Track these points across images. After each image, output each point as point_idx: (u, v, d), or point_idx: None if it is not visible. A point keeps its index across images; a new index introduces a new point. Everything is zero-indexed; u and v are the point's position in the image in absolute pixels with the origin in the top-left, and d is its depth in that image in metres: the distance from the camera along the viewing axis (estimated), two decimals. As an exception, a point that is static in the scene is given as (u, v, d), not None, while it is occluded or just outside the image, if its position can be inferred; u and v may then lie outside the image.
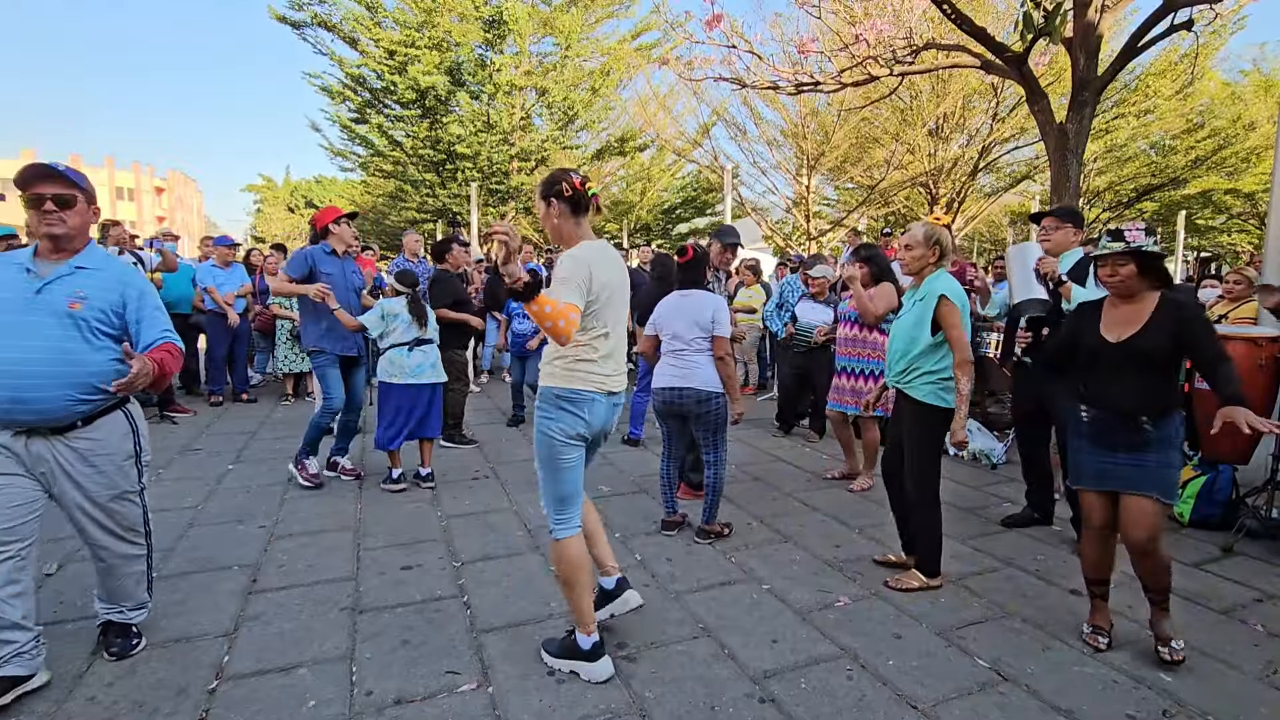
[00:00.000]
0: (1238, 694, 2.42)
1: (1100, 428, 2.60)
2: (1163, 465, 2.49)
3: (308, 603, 2.98)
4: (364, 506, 4.22)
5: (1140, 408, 2.49)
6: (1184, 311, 2.49)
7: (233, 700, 2.30)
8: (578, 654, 2.48)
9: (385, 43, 14.04)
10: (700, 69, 7.63)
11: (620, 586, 2.75)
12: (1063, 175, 5.90)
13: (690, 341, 3.67)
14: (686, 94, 15.89)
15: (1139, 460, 2.51)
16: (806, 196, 16.44)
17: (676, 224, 21.72)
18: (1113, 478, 2.58)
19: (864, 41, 6.75)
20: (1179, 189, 17.78)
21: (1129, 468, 2.53)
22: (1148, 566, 2.57)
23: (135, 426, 2.48)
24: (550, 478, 2.47)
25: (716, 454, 3.73)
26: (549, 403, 2.43)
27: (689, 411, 3.67)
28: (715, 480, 3.73)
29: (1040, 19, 5.25)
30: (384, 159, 16.65)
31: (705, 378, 3.63)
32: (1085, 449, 2.65)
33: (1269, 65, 18.01)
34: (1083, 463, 2.67)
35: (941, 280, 3.09)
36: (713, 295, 3.76)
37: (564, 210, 2.41)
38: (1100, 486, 2.62)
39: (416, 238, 7.71)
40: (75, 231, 2.30)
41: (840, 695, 2.38)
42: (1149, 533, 2.49)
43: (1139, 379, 2.49)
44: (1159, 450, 2.49)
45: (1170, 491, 2.52)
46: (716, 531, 3.76)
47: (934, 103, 14.69)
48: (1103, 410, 2.59)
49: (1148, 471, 2.49)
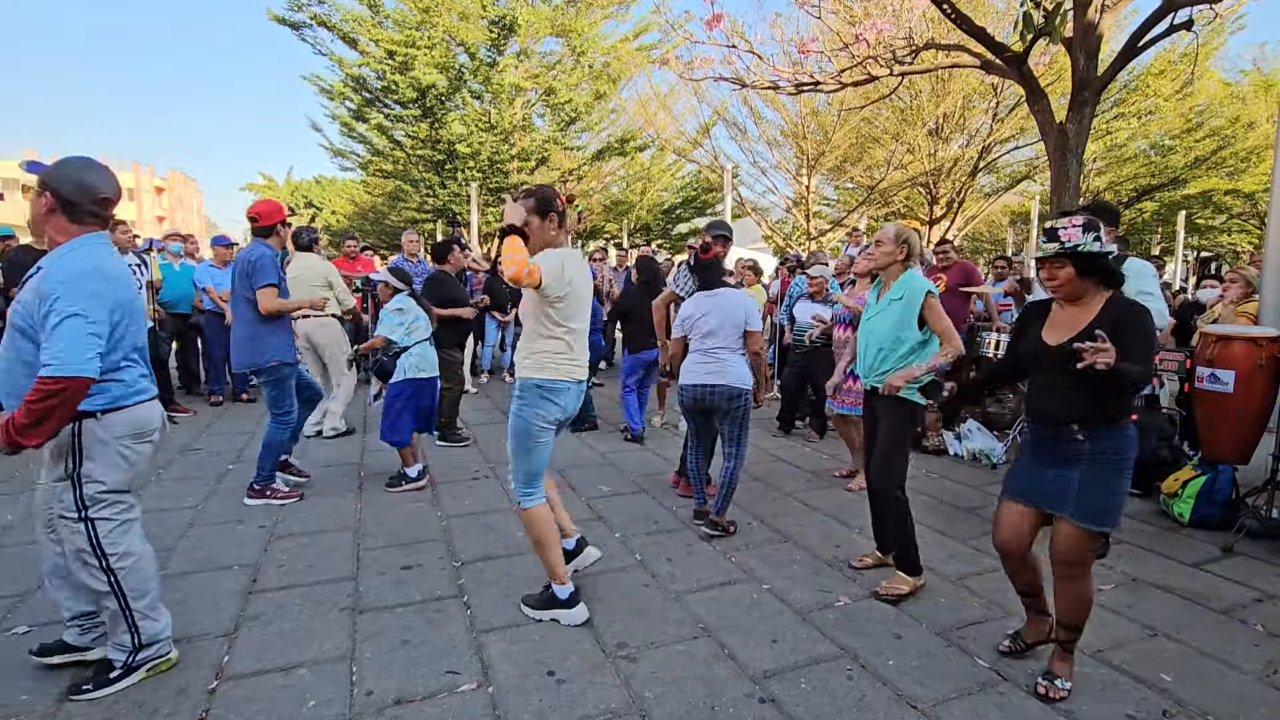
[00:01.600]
0: (1238, 694, 2.42)
1: (1040, 439, 2.38)
2: (1091, 485, 2.22)
3: (308, 603, 2.98)
4: (364, 506, 4.22)
5: (1074, 417, 2.25)
6: (1123, 312, 2.24)
7: (233, 700, 2.30)
8: (556, 603, 2.84)
9: (385, 43, 14.04)
10: (700, 69, 7.63)
11: (580, 545, 3.16)
12: (1063, 175, 5.90)
13: (724, 339, 3.76)
14: (687, 94, 15.93)
15: (1067, 477, 2.27)
16: (806, 196, 16.44)
17: (676, 224, 21.70)
18: (1037, 494, 2.36)
19: (864, 41, 6.76)
20: (1179, 189, 17.78)
21: (1055, 484, 2.30)
22: (1063, 591, 2.34)
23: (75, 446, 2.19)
24: (524, 457, 2.79)
25: (738, 449, 3.82)
26: (529, 392, 2.75)
27: (719, 407, 3.76)
28: (731, 475, 3.81)
29: (1040, 19, 5.25)
30: (384, 158, 16.64)
31: (737, 375, 3.73)
32: (1024, 459, 2.45)
33: (1269, 65, 18.02)
34: (1013, 473, 2.47)
35: (919, 279, 3.15)
36: (739, 292, 3.85)
37: (550, 226, 2.77)
38: (1024, 501, 2.40)
39: (414, 237, 7.72)
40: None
41: (840, 695, 2.38)
42: (1064, 555, 2.28)
43: (1073, 384, 2.22)
44: (1091, 467, 2.23)
45: (1099, 517, 2.22)
46: (725, 525, 3.80)
47: (934, 103, 14.69)
48: (1041, 420, 2.37)
49: (1071, 491, 2.25)
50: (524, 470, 2.81)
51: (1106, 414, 2.23)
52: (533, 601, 2.92)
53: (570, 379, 2.78)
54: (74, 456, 2.20)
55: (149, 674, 2.39)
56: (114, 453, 2.23)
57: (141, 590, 2.34)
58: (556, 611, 2.84)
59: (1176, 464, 4.47)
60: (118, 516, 2.28)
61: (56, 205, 2.17)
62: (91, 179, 2.21)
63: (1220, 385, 3.99)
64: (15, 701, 2.27)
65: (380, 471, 4.87)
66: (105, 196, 2.24)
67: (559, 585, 2.85)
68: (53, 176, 2.18)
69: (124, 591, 2.30)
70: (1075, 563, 2.28)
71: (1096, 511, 2.22)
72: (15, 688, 2.34)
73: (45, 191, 2.17)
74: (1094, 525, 2.22)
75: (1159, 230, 19.67)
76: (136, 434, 2.28)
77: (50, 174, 2.18)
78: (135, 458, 2.29)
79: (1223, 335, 4.07)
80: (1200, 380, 4.13)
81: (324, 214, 31.00)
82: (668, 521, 3.99)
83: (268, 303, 4.04)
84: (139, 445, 2.30)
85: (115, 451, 2.23)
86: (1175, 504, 4.08)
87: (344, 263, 8.27)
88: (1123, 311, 2.23)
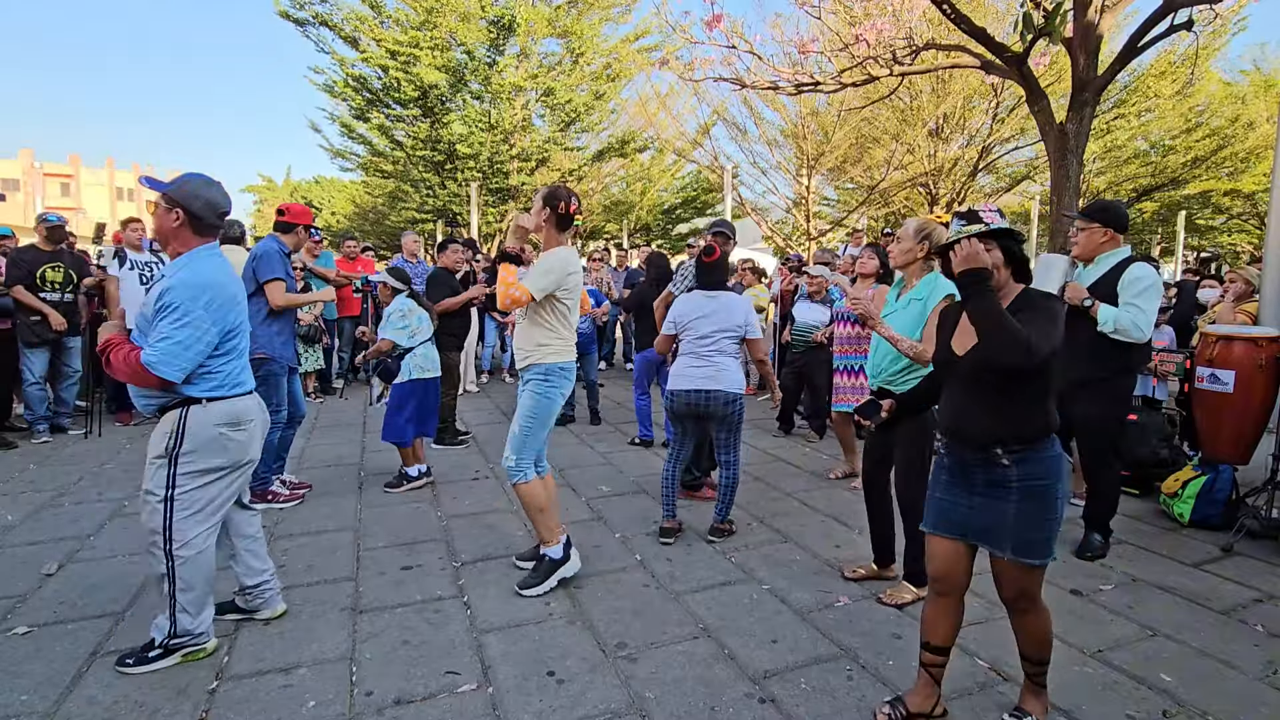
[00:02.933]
0: (1238, 694, 2.41)
1: (954, 460, 2.11)
2: (1026, 521, 1.97)
3: (308, 603, 2.98)
4: (364, 506, 4.22)
5: (994, 437, 1.98)
6: (1030, 305, 2.00)
7: (233, 700, 2.30)
8: (555, 566, 3.10)
9: (387, 43, 14.04)
10: (700, 69, 7.64)
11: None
12: (1063, 176, 5.90)
13: (719, 343, 3.66)
14: (686, 94, 15.90)
15: (995, 507, 2.01)
16: (806, 196, 16.43)
17: (676, 224, 21.70)
18: (966, 526, 2.09)
19: (864, 42, 6.76)
20: (1178, 189, 17.77)
21: (980, 513, 2.04)
22: (1019, 626, 2.14)
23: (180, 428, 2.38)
24: (538, 434, 3.10)
25: (734, 454, 3.77)
26: (552, 375, 3.08)
27: (714, 413, 3.65)
28: (731, 480, 3.76)
29: (1040, 19, 5.25)
30: (384, 158, 16.64)
31: (732, 379, 3.64)
32: (940, 484, 2.17)
33: (1269, 65, 18.02)
34: (935, 500, 2.18)
35: (942, 281, 2.98)
36: (741, 297, 3.77)
37: (554, 219, 3.06)
38: (943, 531, 2.14)
39: (415, 238, 7.73)
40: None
41: (840, 695, 2.38)
42: (1012, 593, 2.07)
43: (993, 400, 1.98)
44: (1024, 501, 1.97)
45: (1036, 551, 1.98)
46: (727, 529, 3.78)
47: (934, 103, 14.69)
48: (961, 442, 2.08)
49: (1004, 524, 1.99)
50: (533, 447, 3.10)
51: (1028, 433, 1.98)
52: (532, 580, 3.08)
53: (573, 360, 3.19)
54: (177, 437, 2.38)
55: (184, 659, 2.50)
56: (212, 437, 2.41)
57: (190, 583, 2.44)
58: (558, 573, 3.10)
59: (1176, 464, 4.47)
60: (196, 506, 2.42)
61: (186, 220, 2.40)
62: (215, 196, 2.45)
63: (1220, 385, 4.00)
64: (15, 702, 2.27)
65: (380, 472, 4.87)
66: (225, 211, 2.50)
67: (549, 547, 3.11)
68: (183, 194, 2.39)
69: (175, 578, 2.41)
70: (1023, 595, 2.07)
71: (1037, 547, 1.99)
72: (15, 688, 2.35)
73: (176, 208, 2.38)
74: (1036, 560, 2.00)
75: (1159, 230, 19.67)
76: (233, 422, 2.46)
77: (179, 192, 2.39)
78: (231, 444, 2.46)
79: (1223, 335, 4.07)
80: (1200, 380, 4.13)
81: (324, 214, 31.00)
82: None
83: (276, 297, 3.96)
84: (235, 433, 2.47)
85: (213, 436, 2.41)
86: (1175, 504, 4.08)
87: (344, 263, 8.27)
88: (1031, 301, 2.01)
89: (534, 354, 3.09)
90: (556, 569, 3.11)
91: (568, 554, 3.15)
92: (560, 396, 3.12)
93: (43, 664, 2.48)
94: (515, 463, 3.05)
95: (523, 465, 3.06)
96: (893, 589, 3.10)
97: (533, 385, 3.09)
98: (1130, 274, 3.47)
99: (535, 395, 3.08)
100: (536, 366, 3.08)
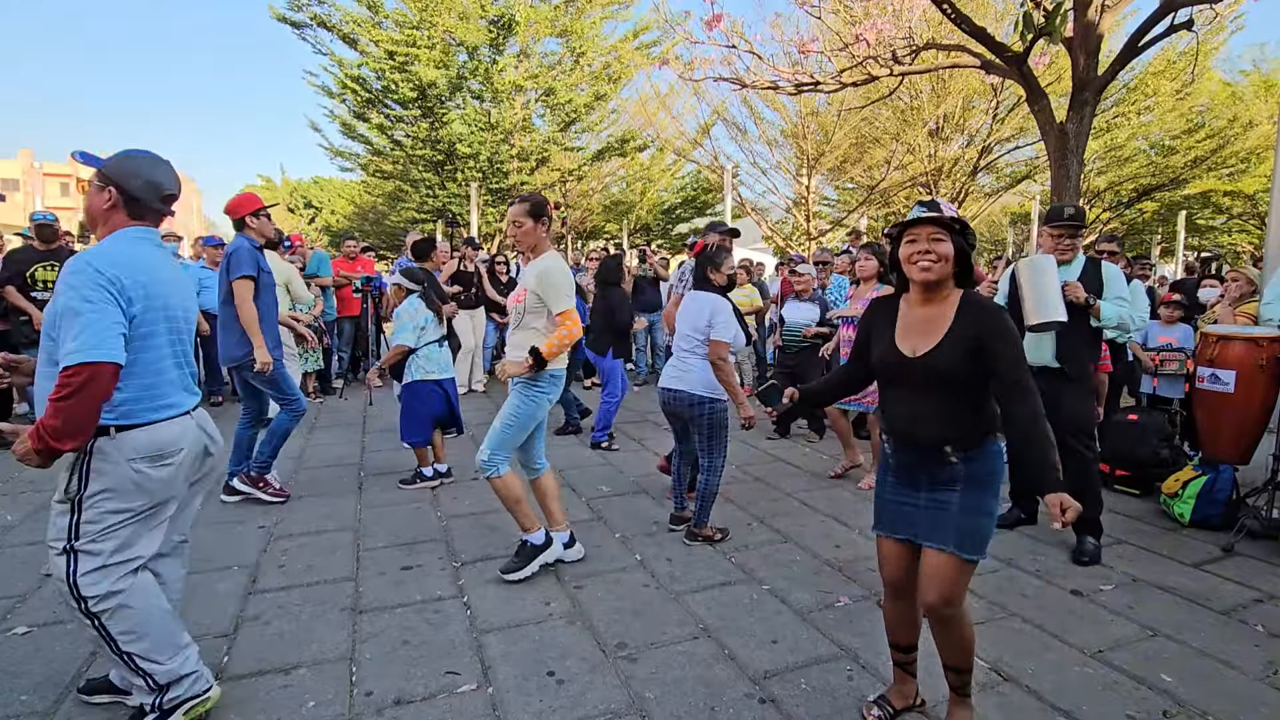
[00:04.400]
0: (1238, 694, 2.41)
1: (902, 461, 2.10)
2: (969, 510, 1.97)
3: (308, 603, 2.98)
4: (364, 506, 4.22)
5: (943, 436, 1.98)
6: (986, 314, 1.95)
7: (233, 700, 2.30)
8: (536, 551, 3.23)
9: (385, 43, 14.03)
10: (700, 69, 7.63)
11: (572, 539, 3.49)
12: (1063, 175, 5.90)
13: (690, 343, 3.63)
14: (686, 93, 15.90)
15: (941, 502, 2.01)
16: (806, 197, 16.42)
17: (676, 224, 21.70)
18: (908, 523, 2.08)
19: (864, 42, 6.76)
20: (1179, 189, 17.77)
21: (928, 511, 2.03)
22: (944, 637, 2.07)
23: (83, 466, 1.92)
24: (517, 434, 3.17)
25: (710, 459, 3.66)
26: (544, 381, 3.16)
27: (681, 413, 3.68)
28: (705, 486, 3.66)
29: (1040, 19, 5.25)
30: (384, 158, 16.63)
31: (698, 380, 3.58)
32: (887, 486, 2.16)
33: (1269, 65, 18.00)
34: (883, 503, 2.17)
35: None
36: (715, 297, 3.66)
37: (545, 226, 3.21)
38: (894, 533, 2.12)
39: (418, 238, 7.71)
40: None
41: (840, 695, 2.38)
42: (943, 594, 1.97)
43: (941, 401, 1.98)
44: (967, 491, 1.97)
45: (975, 545, 1.96)
46: (707, 535, 3.69)
47: (934, 103, 14.68)
48: (902, 440, 2.08)
49: (948, 517, 1.98)
50: (513, 444, 3.19)
51: (976, 434, 1.98)
52: (516, 565, 3.20)
53: (564, 366, 3.28)
54: (81, 478, 1.91)
55: (188, 716, 2.10)
56: (125, 476, 1.94)
57: (137, 632, 2.00)
58: (540, 558, 3.23)
59: (1177, 464, 4.47)
60: (106, 554, 1.94)
61: (119, 202, 2.02)
62: (160, 176, 2.07)
63: (1221, 385, 4.00)
64: (15, 702, 2.27)
65: (380, 472, 4.87)
66: (171, 195, 2.11)
67: (531, 533, 3.23)
68: (118, 172, 2.01)
69: (113, 637, 1.98)
70: (952, 599, 1.98)
71: (977, 540, 1.96)
72: (15, 688, 2.35)
73: (109, 186, 2.00)
74: (976, 555, 1.96)
75: (1159, 230, 19.66)
76: (154, 455, 1.98)
77: (116, 169, 2.01)
78: (151, 484, 1.98)
79: (1223, 335, 4.07)
80: (1201, 380, 4.13)
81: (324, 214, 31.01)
82: (668, 521, 3.99)
83: (243, 293, 3.88)
84: (156, 469, 1.98)
85: (126, 475, 1.94)
86: (1175, 504, 4.08)
87: (344, 263, 8.28)
88: (985, 314, 1.95)
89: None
90: (538, 554, 3.24)
91: (549, 540, 3.29)
92: (548, 402, 3.20)
93: (43, 664, 2.48)
94: (489, 458, 3.13)
95: (495, 460, 3.14)
96: None
97: (520, 388, 3.17)
98: (1109, 272, 3.57)
99: (522, 398, 3.16)
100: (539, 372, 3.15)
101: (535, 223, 3.17)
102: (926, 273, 1.96)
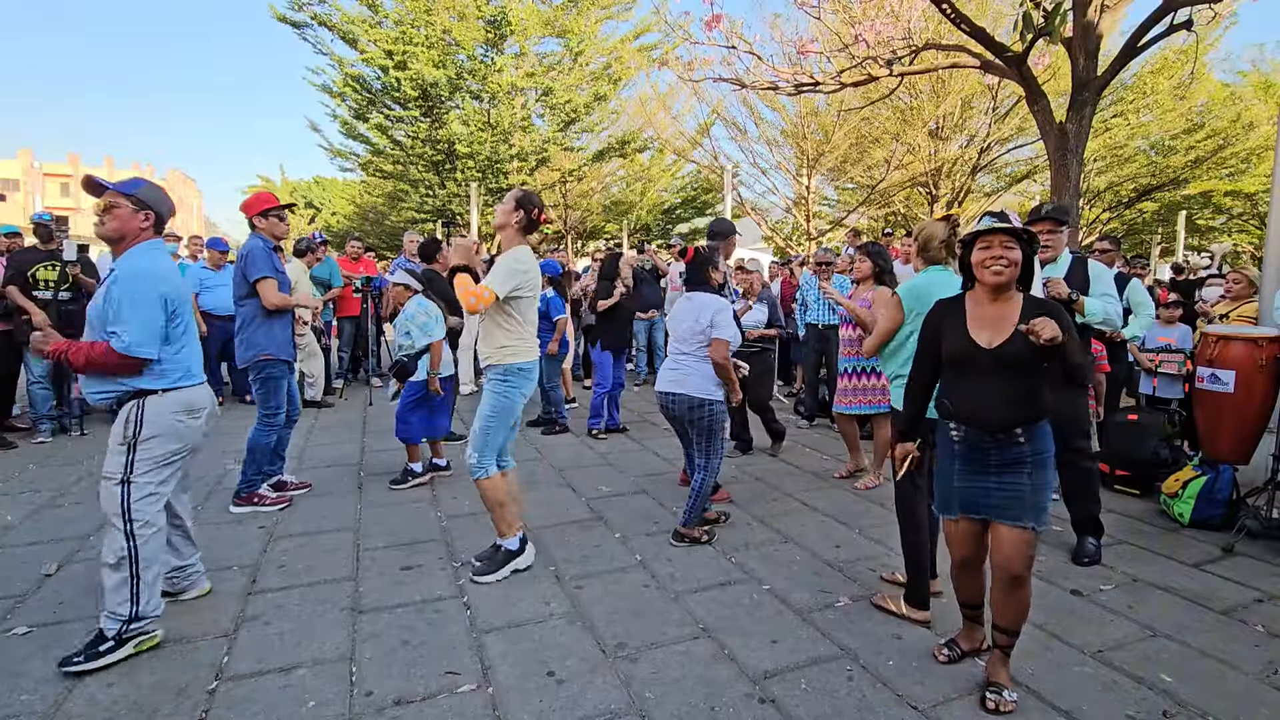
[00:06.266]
0: (1238, 694, 2.41)
1: (972, 446, 2.30)
2: (1038, 487, 2.23)
3: (308, 603, 2.98)
4: (364, 506, 4.21)
5: (1013, 420, 2.21)
6: (1049, 309, 2.22)
7: (233, 700, 2.30)
8: (510, 557, 3.26)
9: (384, 42, 14.03)
10: (700, 69, 7.65)
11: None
12: (1063, 175, 5.91)
13: (689, 345, 3.61)
14: (686, 94, 15.91)
15: (1014, 483, 2.24)
16: (806, 196, 16.43)
17: (676, 224, 21.69)
18: (985, 505, 2.30)
19: (863, 42, 6.77)
20: (1179, 189, 17.77)
21: (1003, 492, 2.25)
22: (1014, 598, 2.29)
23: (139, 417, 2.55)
24: (499, 432, 3.19)
25: (707, 460, 3.64)
26: (513, 375, 3.17)
27: (680, 416, 3.66)
28: (699, 485, 3.64)
29: (1040, 19, 5.25)
30: (384, 158, 16.63)
31: (698, 384, 3.57)
32: (957, 472, 2.35)
33: (1269, 65, 18.00)
34: (953, 489, 2.37)
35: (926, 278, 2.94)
36: (714, 297, 3.65)
37: (524, 223, 3.20)
38: (970, 514, 2.34)
39: (415, 238, 7.71)
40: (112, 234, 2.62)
41: (840, 695, 2.38)
42: (1025, 563, 2.24)
43: (1010, 388, 2.21)
44: (1034, 469, 2.23)
45: (1044, 516, 2.24)
46: (694, 537, 3.66)
47: (934, 103, 14.69)
48: (974, 426, 2.28)
49: (1022, 496, 2.22)
50: (495, 445, 3.20)
51: (1035, 413, 2.23)
52: (489, 568, 3.22)
53: (536, 359, 3.28)
54: (136, 425, 2.55)
55: (136, 650, 2.53)
56: (169, 424, 2.60)
57: (149, 561, 2.55)
58: (513, 564, 3.26)
59: (1177, 464, 4.47)
60: (150, 488, 2.57)
61: (153, 221, 2.67)
62: (169, 201, 2.76)
63: (1220, 385, 4.00)
64: (15, 702, 2.27)
65: (380, 472, 4.87)
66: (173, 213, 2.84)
67: (507, 539, 3.27)
68: (152, 199, 2.66)
69: (138, 558, 2.52)
70: (1031, 565, 2.26)
71: (1043, 511, 2.25)
72: (15, 687, 2.35)
73: (146, 210, 2.63)
74: (1043, 526, 2.25)
75: (1159, 230, 19.66)
76: (188, 409, 2.66)
77: (149, 196, 2.65)
78: (186, 430, 2.65)
79: (1223, 335, 4.07)
80: (1201, 380, 4.13)
81: (324, 214, 31.00)
82: (668, 521, 3.99)
83: (270, 296, 3.93)
84: (190, 419, 2.67)
85: (170, 423, 2.60)
86: (1175, 504, 4.08)
87: (346, 263, 8.28)
88: (1048, 308, 2.22)
89: (494, 355, 3.19)
90: (511, 559, 3.27)
91: (524, 546, 3.33)
92: (521, 397, 3.22)
93: (42, 664, 2.48)
94: (477, 460, 3.18)
95: (484, 463, 3.18)
96: (888, 595, 3.00)
97: (493, 385, 3.20)
98: (1095, 269, 3.59)
99: (496, 395, 3.18)
100: (496, 367, 3.19)
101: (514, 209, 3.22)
102: (999, 276, 2.22)
